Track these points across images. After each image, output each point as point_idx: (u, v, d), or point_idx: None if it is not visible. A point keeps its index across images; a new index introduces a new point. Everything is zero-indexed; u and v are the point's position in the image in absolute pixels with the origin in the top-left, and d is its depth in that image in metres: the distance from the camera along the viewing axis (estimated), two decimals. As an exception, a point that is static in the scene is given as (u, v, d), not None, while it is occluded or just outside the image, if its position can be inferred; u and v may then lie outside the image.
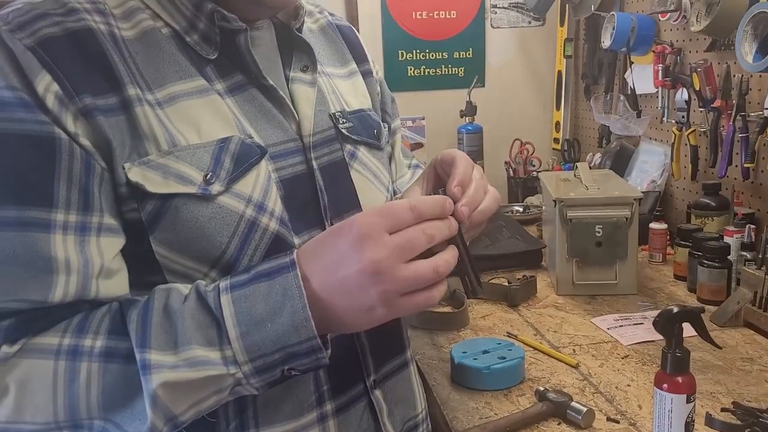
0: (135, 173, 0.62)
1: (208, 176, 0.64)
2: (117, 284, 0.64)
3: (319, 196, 0.73)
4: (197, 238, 0.64)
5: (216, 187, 0.65)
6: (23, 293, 0.58)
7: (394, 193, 0.96)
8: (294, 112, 0.74)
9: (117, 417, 0.59)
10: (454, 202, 0.64)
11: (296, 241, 0.70)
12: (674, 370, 0.79)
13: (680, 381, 0.79)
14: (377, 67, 0.94)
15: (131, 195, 0.63)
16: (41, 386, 0.58)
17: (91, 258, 0.61)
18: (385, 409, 0.78)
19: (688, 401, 0.78)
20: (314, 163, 0.73)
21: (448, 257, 0.60)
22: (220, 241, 0.64)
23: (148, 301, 0.61)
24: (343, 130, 0.79)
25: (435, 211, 0.60)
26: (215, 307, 0.59)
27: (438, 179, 0.76)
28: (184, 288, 0.62)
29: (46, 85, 0.59)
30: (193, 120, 0.65)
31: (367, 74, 0.90)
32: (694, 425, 0.79)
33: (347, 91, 0.85)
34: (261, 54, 0.72)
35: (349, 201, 0.77)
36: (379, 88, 0.92)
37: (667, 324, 0.79)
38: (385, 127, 0.88)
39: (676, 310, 0.79)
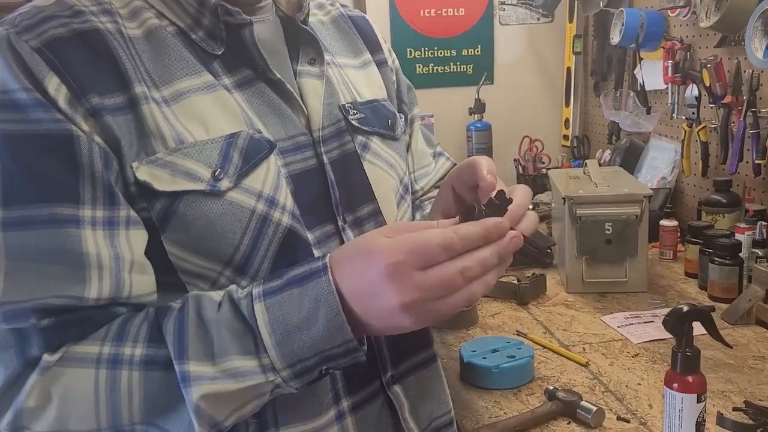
0: (143, 172, 0.62)
1: (217, 172, 0.64)
2: (148, 280, 0.64)
3: (331, 190, 0.73)
4: (209, 235, 0.64)
5: (225, 183, 0.64)
6: (60, 289, 0.59)
7: (412, 188, 0.94)
8: (303, 106, 0.73)
9: (162, 422, 0.59)
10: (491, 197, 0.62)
11: (309, 236, 0.69)
12: (684, 369, 0.78)
13: (690, 380, 0.78)
14: (393, 56, 0.93)
15: (140, 194, 0.63)
16: (83, 395, 0.58)
17: (121, 252, 0.61)
18: (406, 405, 0.77)
19: (699, 401, 0.78)
20: (324, 157, 0.73)
21: (489, 281, 0.57)
22: (232, 237, 0.64)
23: (182, 309, 0.61)
24: (354, 122, 0.78)
25: (476, 243, 0.56)
26: (249, 315, 0.59)
27: (455, 197, 0.74)
28: (216, 295, 0.62)
29: (55, 86, 0.60)
30: (200, 116, 0.65)
31: (381, 64, 0.89)
32: (705, 425, 0.79)
33: (360, 81, 0.84)
34: (268, 48, 0.72)
35: (363, 194, 0.76)
36: (394, 77, 0.91)
37: (677, 323, 0.79)
38: (401, 117, 0.88)
39: (686, 309, 0.79)
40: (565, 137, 2.54)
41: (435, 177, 1.00)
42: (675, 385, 0.79)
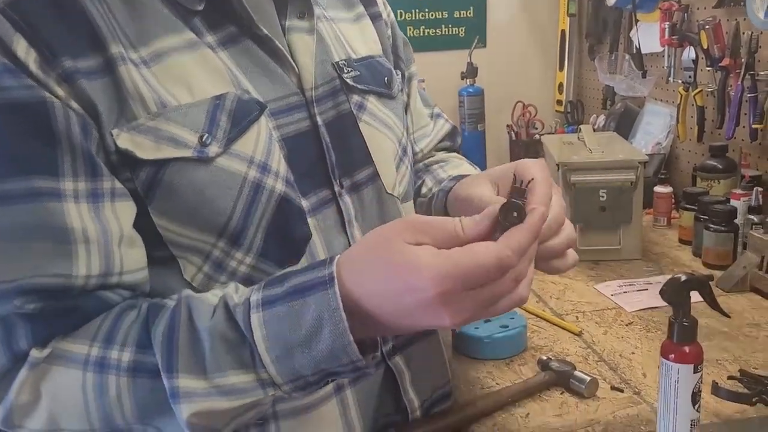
0: (124, 139, 0.58)
1: (204, 137, 0.60)
2: (139, 254, 0.61)
3: (326, 154, 0.69)
4: (198, 205, 0.60)
5: (213, 149, 0.61)
6: (46, 267, 0.55)
7: (412, 150, 0.90)
8: (293, 64, 0.69)
9: (158, 422, 0.57)
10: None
11: (304, 203, 0.66)
12: (681, 339, 0.76)
13: (687, 351, 0.76)
14: (388, 9, 0.89)
15: (123, 163, 0.59)
16: (72, 397, 0.56)
17: (108, 225, 0.58)
18: (407, 375, 0.75)
19: (696, 371, 0.76)
20: (319, 119, 0.69)
21: (531, 276, 0.54)
22: (223, 206, 0.61)
23: (173, 314, 0.57)
24: (349, 80, 0.74)
25: (527, 249, 0.53)
26: (245, 327, 0.55)
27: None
28: (213, 297, 0.58)
29: (24, 49, 0.56)
30: (183, 77, 0.61)
31: (376, 17, 0.85)
32: (701, 395, 0.77)
33: (354, 36, 0.80)
34: (252, 2, 0.67)
35: (360, 157, 0.73)
36: (389, 31, 0.87)
37: (675, 293, 0.76)
38: (397, 74, 0.84)
39: (684, 278, 0.76)
40: (559, 102, 2.50)
41: (435, 139, 0.96)
42: (671, 355, 0.77)
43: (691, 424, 0.77)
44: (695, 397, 0.77)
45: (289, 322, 0.54)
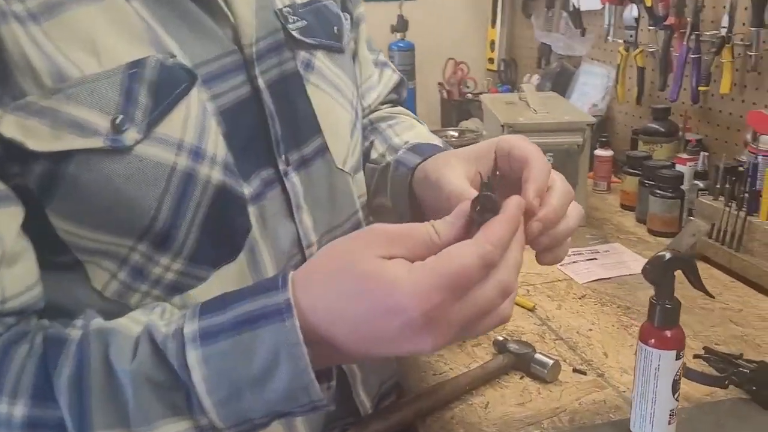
0: (9, 125, 0.44)
1: (118, 120, 0.47)
2: (25, 271, 0.47)
3: (270, 124, 0.56)
4: (112, 205, 0.47)
5: (131, 135, 0.47)
6: None
7: (362, 110, 0.78)
8: (227, 12, 0.55)
9: None
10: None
11: (246, 190, 0.54)
12: (663, 323, 0.69)
13: (669, 336, 0.69)
14: None
15: (9, 155, 0.45)
16: None
17: None
18: (359, 376, 0.67)
19: (677, 358, 0.69)
20: (260, 81, 0.56)
21: (513, 297, 0.47)
22: (147, 205, 0.48)
23: (81, 353, 0.44)
24: (295, 33, 0.61)
25: (509, 242, 0.46)
26: (179, 366, 0.43)
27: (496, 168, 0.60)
28: (133, 326, 0.46)
29: None
30: (86, 37, 0.47)
31: None
32: (680, 383, 0.70)
33: None
34: None
35: (307, 126, 0.61)
36: None
37: (659, 272, 0.69)
38: (346, 20, 0.71)
39: (668, 256, 0.69)
40: (491, 60, 2.41)
41: (383, 92, 0.84)
42: (652, 340, 0.69)
43: (670, 414, 0.71)
44: (675, 385, 0.70)
45: (235, 360, 0.43)
